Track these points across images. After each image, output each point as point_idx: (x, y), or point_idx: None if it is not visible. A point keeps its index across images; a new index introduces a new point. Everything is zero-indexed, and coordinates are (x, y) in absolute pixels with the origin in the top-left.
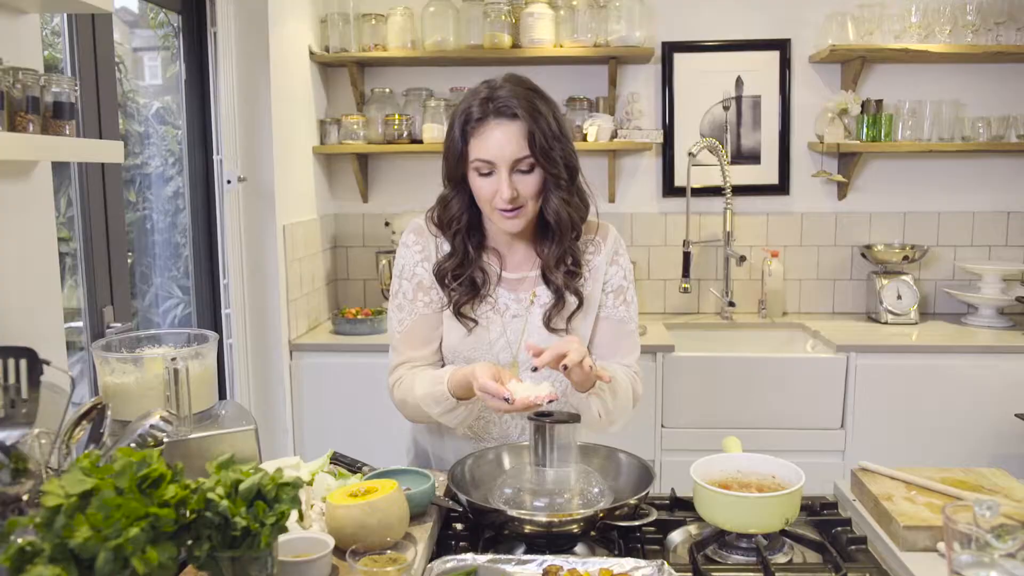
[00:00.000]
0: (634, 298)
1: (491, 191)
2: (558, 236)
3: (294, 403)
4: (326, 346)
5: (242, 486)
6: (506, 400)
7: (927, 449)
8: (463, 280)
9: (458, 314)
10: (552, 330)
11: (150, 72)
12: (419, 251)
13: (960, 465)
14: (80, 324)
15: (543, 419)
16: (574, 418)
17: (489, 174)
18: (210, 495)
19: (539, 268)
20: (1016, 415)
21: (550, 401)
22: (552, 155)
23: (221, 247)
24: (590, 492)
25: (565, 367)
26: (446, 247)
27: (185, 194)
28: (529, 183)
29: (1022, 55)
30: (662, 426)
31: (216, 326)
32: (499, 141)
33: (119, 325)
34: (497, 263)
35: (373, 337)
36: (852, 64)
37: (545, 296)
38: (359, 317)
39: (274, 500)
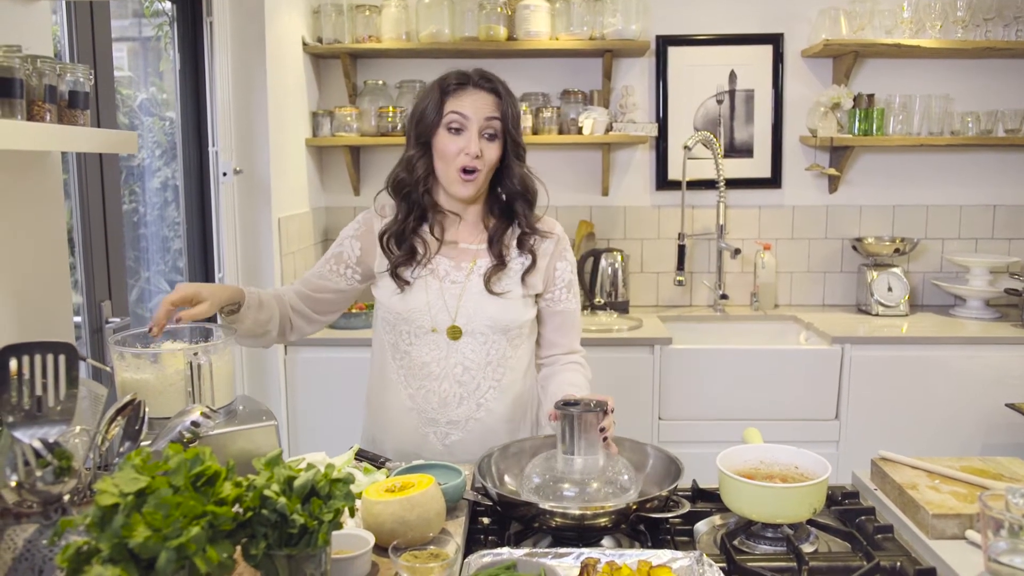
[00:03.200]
0: (578, 288)
1: (458, 148)
2: (516, 203)
3: (288, 398)
4: (321, 341)
5: (296, 483)
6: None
7: (920, 439)
8: (403, 246)
9: (394, 275)
10: (491, 292)
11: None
12: (357, 227)
13: (954, 454)
14: (79, 319)
15: (570, 408)
16: (601, 407)
17: (459, 131)
18: (266, 492)
19: (485, 241)
20: (1006, 404)
21: (178, 320)
22: (517, 132)
23: (216, 240)
24: (620, 479)
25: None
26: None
27: (179, 187)
28: (492, 149)
29: (1010, 51)
30: (659, 418)
31: (210, 321)
32: (476, 102)
33: (117, 320)
34: (440, 232)
35: (367, 332)
36: (844, 59)
37: (485, 265)
38: (353, 311)
39: (328, 496)
